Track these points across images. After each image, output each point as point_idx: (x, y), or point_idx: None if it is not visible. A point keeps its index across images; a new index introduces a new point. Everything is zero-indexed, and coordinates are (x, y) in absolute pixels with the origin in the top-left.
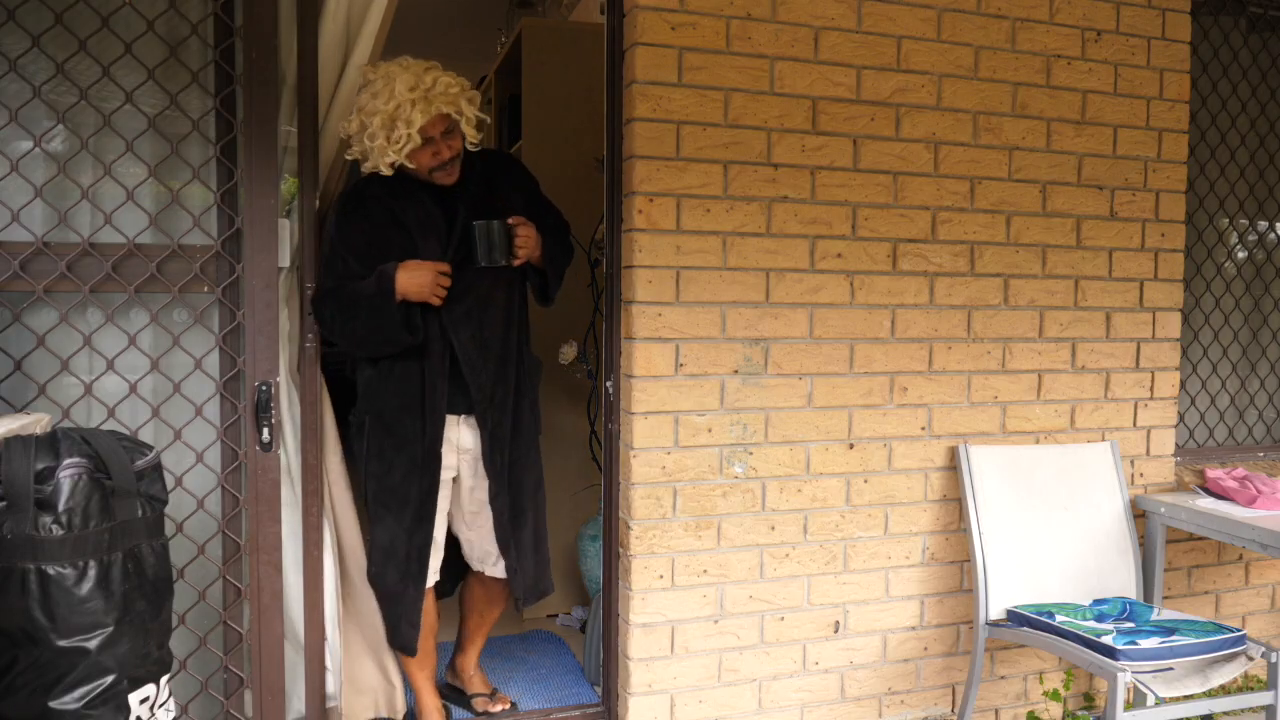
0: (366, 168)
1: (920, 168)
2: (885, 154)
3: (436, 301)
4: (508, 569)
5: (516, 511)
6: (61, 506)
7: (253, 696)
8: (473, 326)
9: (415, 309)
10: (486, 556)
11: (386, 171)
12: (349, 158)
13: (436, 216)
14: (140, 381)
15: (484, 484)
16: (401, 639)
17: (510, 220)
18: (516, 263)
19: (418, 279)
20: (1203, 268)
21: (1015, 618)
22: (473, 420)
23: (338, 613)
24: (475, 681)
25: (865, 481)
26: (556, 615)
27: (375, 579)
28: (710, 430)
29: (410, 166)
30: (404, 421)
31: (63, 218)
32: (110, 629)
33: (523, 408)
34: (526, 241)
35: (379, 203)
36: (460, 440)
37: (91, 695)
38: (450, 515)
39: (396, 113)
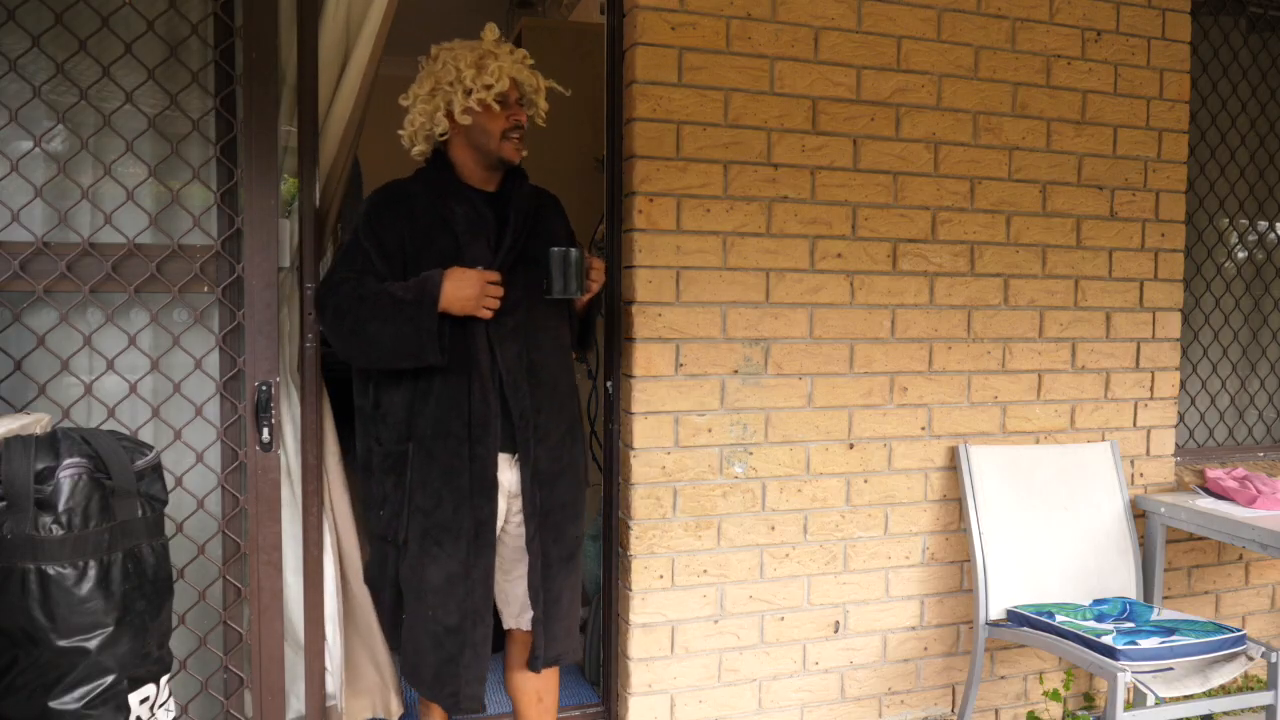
0: (416, 148)
1: (920, 168)
2: (885, 154)
3: (485, 314)
4: (533, 621)
5: (549, 561)
6: (61, 506)
7: (253, 696)
8: (519, 345)
9: (449, 325)
10: (525, 610)
11: (464, 119)
12: (405, 136)
13: (487, 218)
14: (140, 381)
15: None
16: (465, 695)
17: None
18: (587, 297)
19: (465, 290)
20: (1203, 268)
21: (1015, 618)
22: (515, 458)
23: (338, 613)
24: None
25: (865, 481)
26: None
27: (427, 627)
28: (710, 430)
29: (467, 144)
30: (451, 447)
31: (63, 218)
32: (110, 629)
33: (574, 449)
34: (599, 275)
35: (423, 200)
36: (503, 480)
37: (91, 695)
38: None
39: (484, 58)
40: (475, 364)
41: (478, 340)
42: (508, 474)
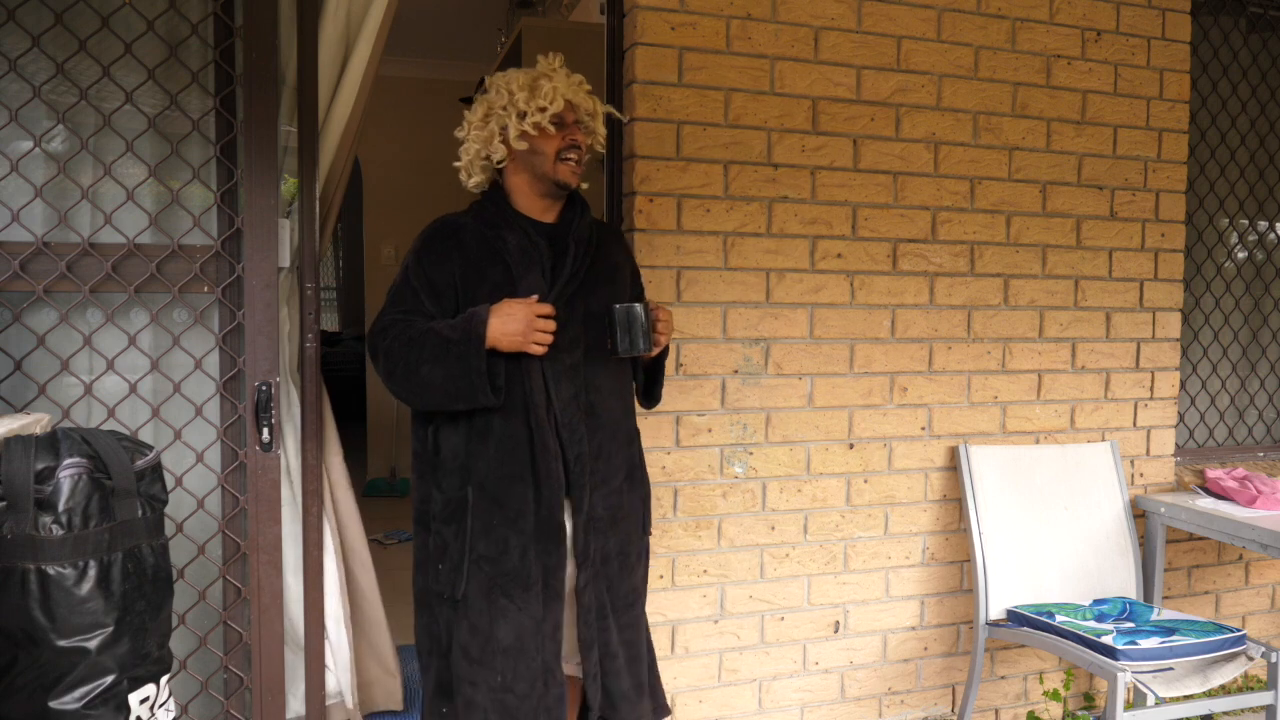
0: (473, 180)
1: (920, 168)
2: (885, 154)
3: (537, 350)
4: (585, 674)
5: (604, 613)
6: (61, 506)
7: (253, 696)
8: (576, 385)
9: (502, 363)
10: (573, 653)
11: (519, 144)
12: (461, 169)
13: (541, 247)
14: (140, 381)
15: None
16: None
17: (650, 303)
18: (655, 351)
19: (512, 325)
20: (1203, 268)
21: (1015, 618)
22: (570, 502)
23: (343, 611)
24: None
25: (865, 481)
26: None
27: (495, 696)
28: (710, 430)
29: (522, 171)
30: (515, 490)
31: (63, 218)
32: (110, 629)
33: (633, 495)
34: (667, 327)
35: (474, 232)
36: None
37: (91, 695)
38: None
39: (539, 80)
40: (532, 404)
41: (533, 379)
42: (566, 519)
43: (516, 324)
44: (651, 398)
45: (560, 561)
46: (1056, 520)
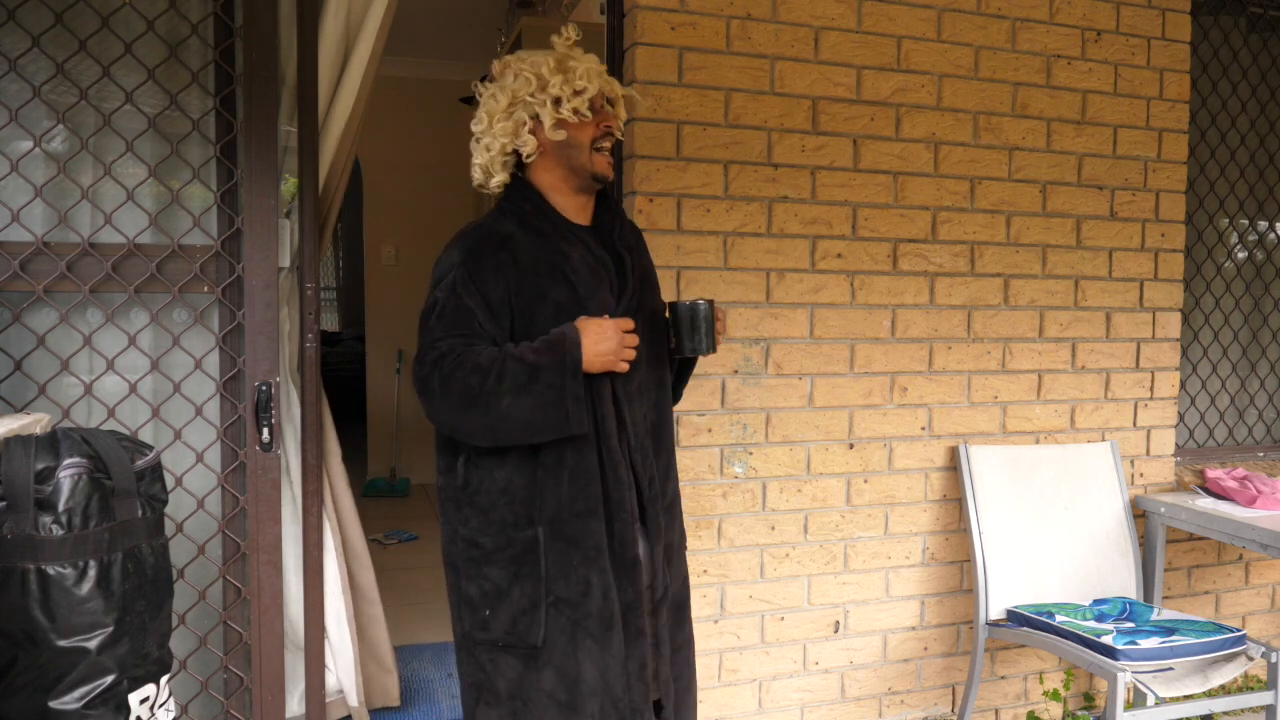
0: (495, 179)
1: (920, 168)
2: (885, 154)
3: (623, 368)
4: (660, 712)
5: (677, 645)
6: (61, 506)
7: (253, 696)
8: (645, 404)
9: (586, 387)
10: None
11: (556, 135)
12: (476, 182)
13: (605, 261)
14: (140, 381)
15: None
16: None
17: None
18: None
19: (604, 344)
20: (1203, 268)
21: (1015, 618)
22: (642, 531)
23: (345, 610)
24: None
25: (865, 481)
26: None
27: None
28: (710, 430)
29: (555, 162)
30: (589, 526)
31: (63, 218)
32: (110, 629)
33: (682, 517)
34: (724, 326)
35: (524, 243)
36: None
37: (91, 695)
38: None
39: (566, 61)
40: (604, 431)
41: (605, 404)
42: (640, 552)
43: (610, 341)
44: (676, 397)
45: (638, 598)
46: (1056, 520)
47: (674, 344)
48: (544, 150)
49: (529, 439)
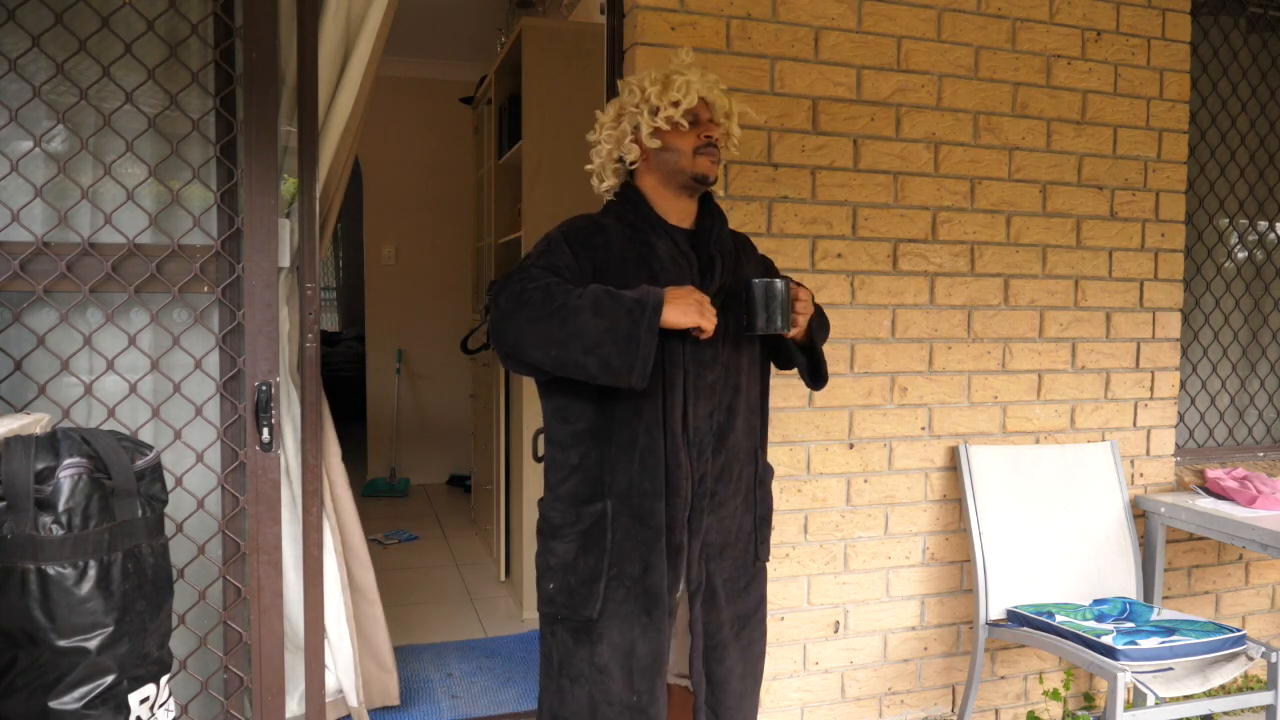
0: (605, 184)
1: (920, 168)
2: (885, 154)
3: (707, 326)
4: (695, 706)
5: (712, 643)
6: (61, 506)
7: (253, 696)
8: (712, 404)
9: (659, 366)
10: (674, 665)
11: (652, 142)
12: (593, 172)
13: (690, 257)
14: (140, 381)
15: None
16: None
17: (790, 280)
18: (794, 332)
19: (687, 300)
20: (1203, 268)
21: (1015, 618)
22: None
23: (345, 610)
24: None
25: (865, 481)
26: None
27: (632, 714)
28: None
29: (658, 166)
30: (655, 509)
31: (63, 218)
32: (110, 629)
33: (745, 519)
34: (806, 307)
35: (618, 234)
36: None
37: (91, 695)
38: None
39: (671, 76)
40: (669, 418)
41: (673, 394)
42: (685, 540)
43: (690, 300)
44: (819, 378)
45: (676, 581)
46: (1056, 520)
47: (746, 322)
48: (645, 157)
49: (587, 368)
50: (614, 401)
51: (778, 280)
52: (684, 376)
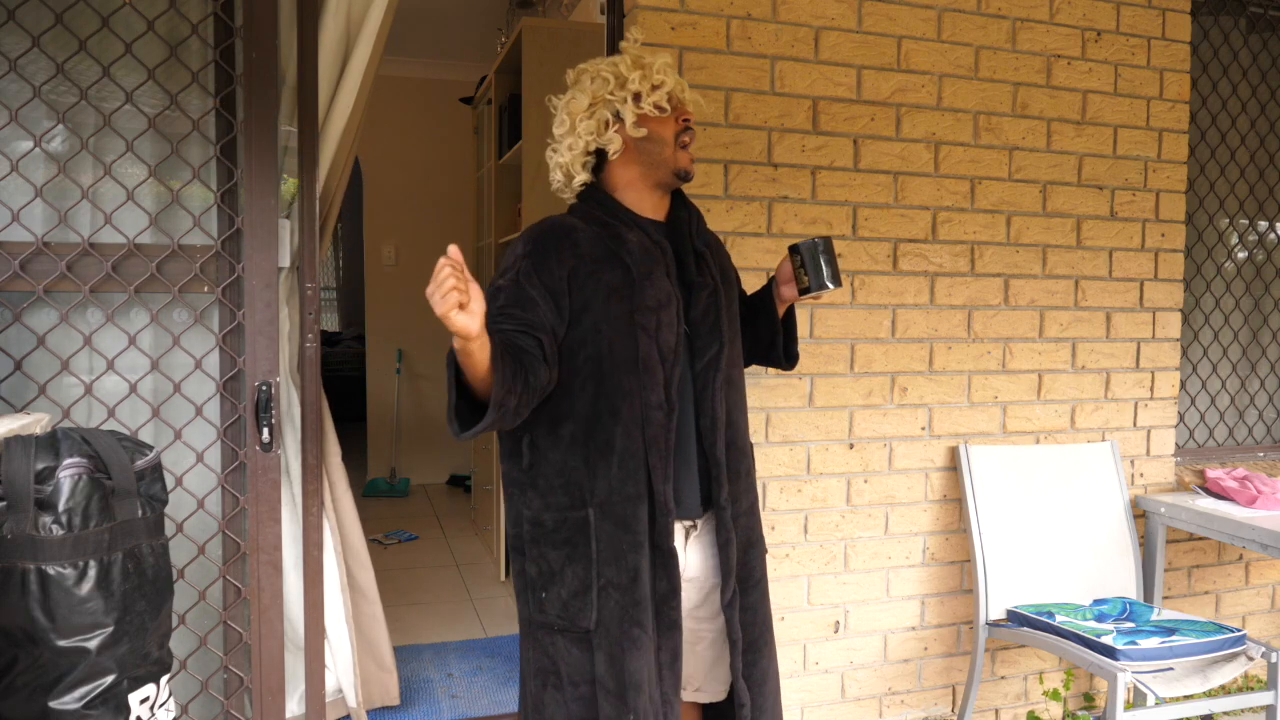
0: (577, 179)
1: (920, 168)
2: (885, 154)
3: (451, 304)
4: (736, 705)
5: (750, 646)
6: (61, 506)
7: (253, 697)
8: (718, 390)
9: (637, 379)
10: (689, 681)
11: (637, 132)
12: (555, 186)
13: (664, 246)
14: (140, 381)
15: (712, 623)
16: None
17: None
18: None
19: (431, 299)
20: (1203, 268)
21: (1015, 618)
22: (694, 527)
23: (345, 610)
24: None
25: (865, 481)
26: None
27: None
28: None
29: (637, 160)
30: (637, 514)
31: (63, 218)
32: (110, 629)
33: (758, 515)
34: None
35: (586, 233)
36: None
37: (91, 695)
38: None
39: (641, 60)
40: (648, 417)
41: (652, 393)
42: (694, 557)
43: (436, 306)
44: (791, 356)
45: (674, 588)
46: (1056, 520)
47: (802, 283)
48: (627, 147)
49: (491, 411)
50: (597, 403)
51: (818, 239)
52: (664, 374)
